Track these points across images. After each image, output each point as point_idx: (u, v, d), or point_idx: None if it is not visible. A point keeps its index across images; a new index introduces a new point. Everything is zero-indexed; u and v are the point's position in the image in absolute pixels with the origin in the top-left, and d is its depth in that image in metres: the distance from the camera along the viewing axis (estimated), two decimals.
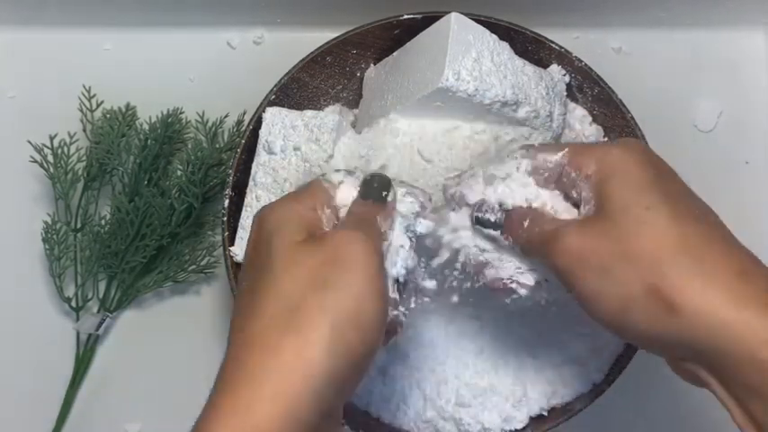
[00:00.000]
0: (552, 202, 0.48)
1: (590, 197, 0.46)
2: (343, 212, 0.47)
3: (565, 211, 0.47)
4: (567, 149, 0.47)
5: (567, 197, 0.48)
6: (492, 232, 0.49)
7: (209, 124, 0.70)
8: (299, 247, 0.42)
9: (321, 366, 0.39)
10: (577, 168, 0.46)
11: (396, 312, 0.45)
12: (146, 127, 0.70)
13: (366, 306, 0.41)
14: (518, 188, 0.49)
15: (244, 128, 0.63)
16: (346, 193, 0.47)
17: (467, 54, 0.56)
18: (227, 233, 0.59)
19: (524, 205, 0.48)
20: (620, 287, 0.42)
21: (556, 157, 0.48)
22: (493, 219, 0.49)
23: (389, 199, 0.47)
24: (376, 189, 0.47)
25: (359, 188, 0.47)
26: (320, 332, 0.39)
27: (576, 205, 0.47)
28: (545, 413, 0.59)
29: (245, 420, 0.38)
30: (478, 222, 0.49)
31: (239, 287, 0.45)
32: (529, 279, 0.49)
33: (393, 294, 0.45)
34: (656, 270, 0.41)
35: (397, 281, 0.46)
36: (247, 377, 0.39)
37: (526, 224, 0.47)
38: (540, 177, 0.49)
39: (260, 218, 0.45)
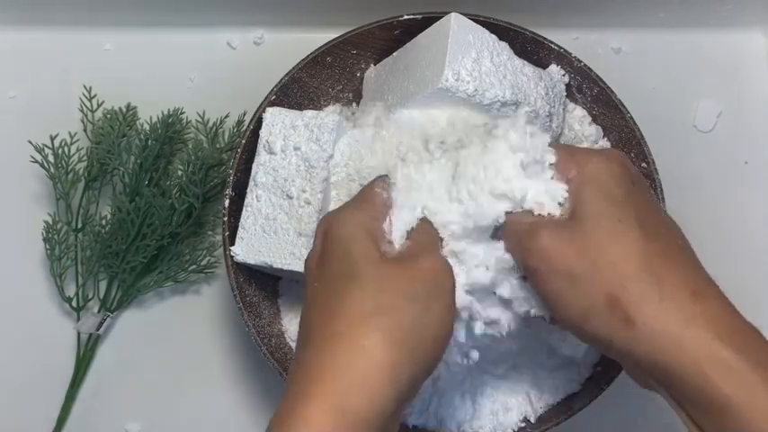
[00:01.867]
0: (538, 196, 0.48)
1: (568, 199, 0.47)
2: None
3: (550, 207, 0.48)
4: (555, 151, 0.49)
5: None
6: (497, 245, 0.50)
7: (210, 124, 0.70)
8: (384, 262, 0.45)
9: (403, 369, 0.42)
10: (562, 170, 0.48)
11: None
12: (146, 127, 0.70)
13: (444, 330, 0.45)
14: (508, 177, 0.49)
15: (244, 128, 0.64)
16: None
17: (466, 54, 0.56)
18: (227, 233, 0.59)
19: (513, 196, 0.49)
20: (583, 293, 0.44)
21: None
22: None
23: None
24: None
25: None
26: (407, 339, 0.42)
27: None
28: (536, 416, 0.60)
29: (338, 405, 0.40)
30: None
31: (312, 288, 0.46)
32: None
33: None
34: (618, 283, 0.43)
35: None
36: (337, 369, 0.41)
37: (508, 218, 0.49)
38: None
39: (328, 229, 0.47)
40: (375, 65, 0.65)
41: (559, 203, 0.48)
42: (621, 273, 0.43)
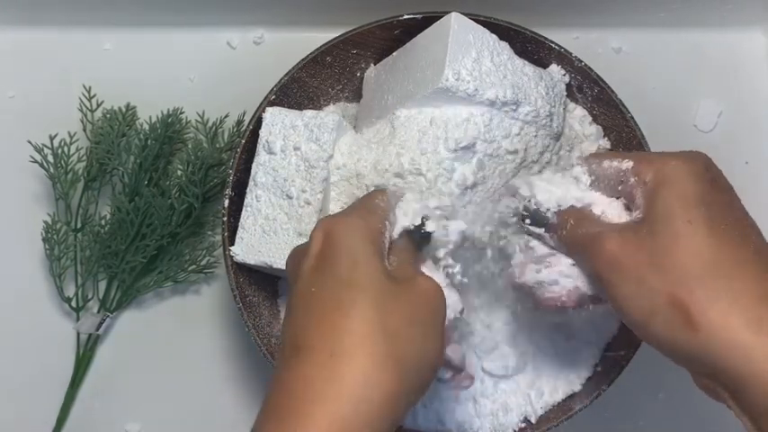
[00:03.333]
0: (604, 208, 0.49)
1: (641, 203, 0.47)
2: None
3: (616, 218, 0.48)
4: (629, 157, 0.48)
5: (627, 207, 0.49)
6: (537, 230, 0.50)
7: (210, 124, 0.70)
8: (389, 280, 0.44)
9: (404, 398, 0.42)
10: (636, 174, 0.47)
11: None
12: (146, 127, 0.70)
13: (438, 358, 0.45)
14: (570, 189, 0.50)
15: (244, 128, 0.63)
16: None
17: (467, 54, 0.56)
18: (227, 233, 0.59)
19: (576, 206, 0.49)
20: (648, 295, 0.44)
21: (618, 164, 0.48)
22: (538, 216, 0.50)
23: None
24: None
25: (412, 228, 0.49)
26: (411, 368, 0.42)
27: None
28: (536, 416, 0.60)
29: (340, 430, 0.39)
30: (527, 217, 0.51)
31: (307, 292, 0.44)
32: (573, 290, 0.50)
33: None
34: (683, 285, 0.43)
35: None
36: (342, 393, 0.40)
37: (571, 223, 0.49)
38: (597, 183, 0.50)
39: (330, 233, 0.45)
40: (375, 65, 0.65)
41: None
42: (686, 275, 0.43)
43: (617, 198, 0.49)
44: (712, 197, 0.45)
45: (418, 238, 0.49)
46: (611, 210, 0.49)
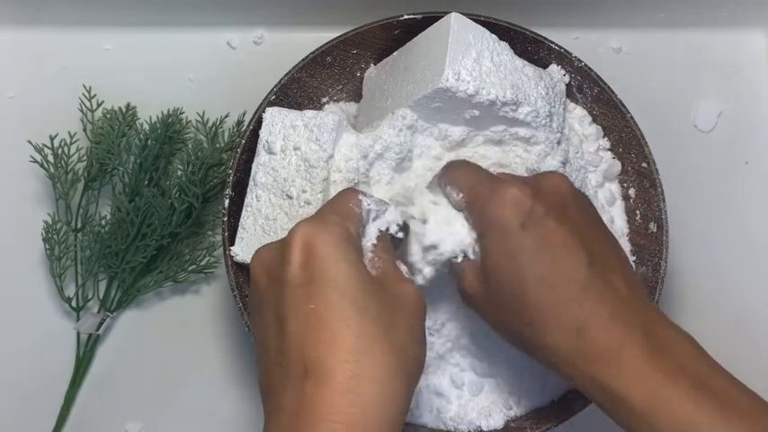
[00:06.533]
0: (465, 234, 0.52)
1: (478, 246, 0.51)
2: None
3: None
4: (463, 192, 0.52)
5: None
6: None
7: (210, 124, 0.70)
8: (382, 291, 0.45)
9: (408, 408, 0.43)
10: (468, 218, 0.52)
11: None
12: (146, 127, 0.70)
13: (424, 357, 0.46)
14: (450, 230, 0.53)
15: (244, 128, 0.64)
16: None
17: (467, 54, 0.56)
18: (227, 233, 0.59)
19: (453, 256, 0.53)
20: (502, 336, 0.52)
21: (456, 197, 0.52)
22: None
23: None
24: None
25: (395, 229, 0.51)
26: (415, 380, 0.45)
27: None
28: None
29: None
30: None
31: (303, 309, 0.43)
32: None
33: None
34: (517, 334, 0.50)
35: None
36: (366, 412, 0.41)
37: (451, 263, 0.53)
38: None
39: (312, 244, 0.44)
40: (375, 65, 0.65)
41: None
42: (517, 327, 0.49)
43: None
44: (525, 244, 0.48)
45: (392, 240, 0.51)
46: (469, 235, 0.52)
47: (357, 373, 0.41)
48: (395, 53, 0.62)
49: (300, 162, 0.58)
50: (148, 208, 0.67)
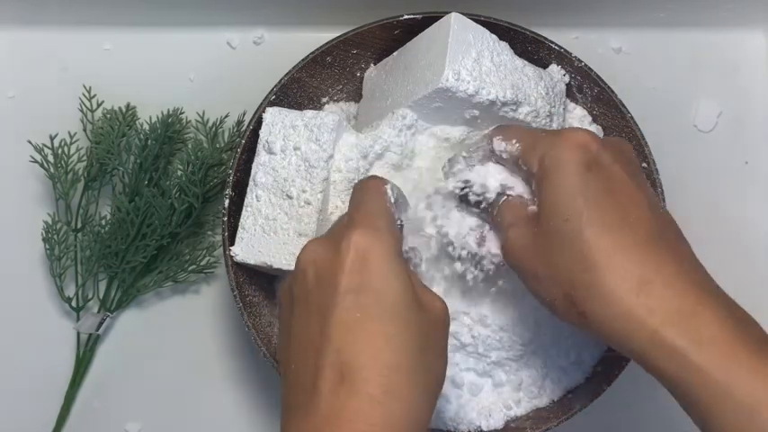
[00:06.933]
0: (521, 190, 0.51)
1: (534, 194, 0.50)
2: None
3: (531, 202, 0.51)
4: (521, 139, 0.51)
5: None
6: (474, 210, 0.53)
7: (210, 124, 0.70)
8: (420, 310, 0.45)
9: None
10: (525, 164, 0.50)
11: None
12: (146, 127, 0.70)
13: (444, 372, 0.46)
14: (494, 173, 0.52)
15: (244, 128, 0.64)
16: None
17: (467, 54, 0.56)
18: (227, 233, 0.59)
19: (499, 191, 0.52)
20: (546, 289, 0.48)
21: (512, 148, 0.51)
22: (473, 200, 0.53)
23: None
24: None
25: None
26: (436, 399, 0.45)
27: None
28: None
29: None
30: (463, 201, 0.53)
31: (352, 317, 0.43)
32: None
33: None
34: (568, 282, 0.47)
35: None
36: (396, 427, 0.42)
37: (495, 213, 0.52)
38: (507, 164, 0.52)
39: (366, 255, 0.44)
40: (375, 65, 0.65)
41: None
42: (570, 272, 0.46)
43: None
44: (590, 186, 0.46)
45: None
46: (526, 193, 0.51)
47: (389, 388, 0.42)
48: (395, 53, 0.62)
49: (300, 162, 0.58)
50: (148, 208, 0.67)
